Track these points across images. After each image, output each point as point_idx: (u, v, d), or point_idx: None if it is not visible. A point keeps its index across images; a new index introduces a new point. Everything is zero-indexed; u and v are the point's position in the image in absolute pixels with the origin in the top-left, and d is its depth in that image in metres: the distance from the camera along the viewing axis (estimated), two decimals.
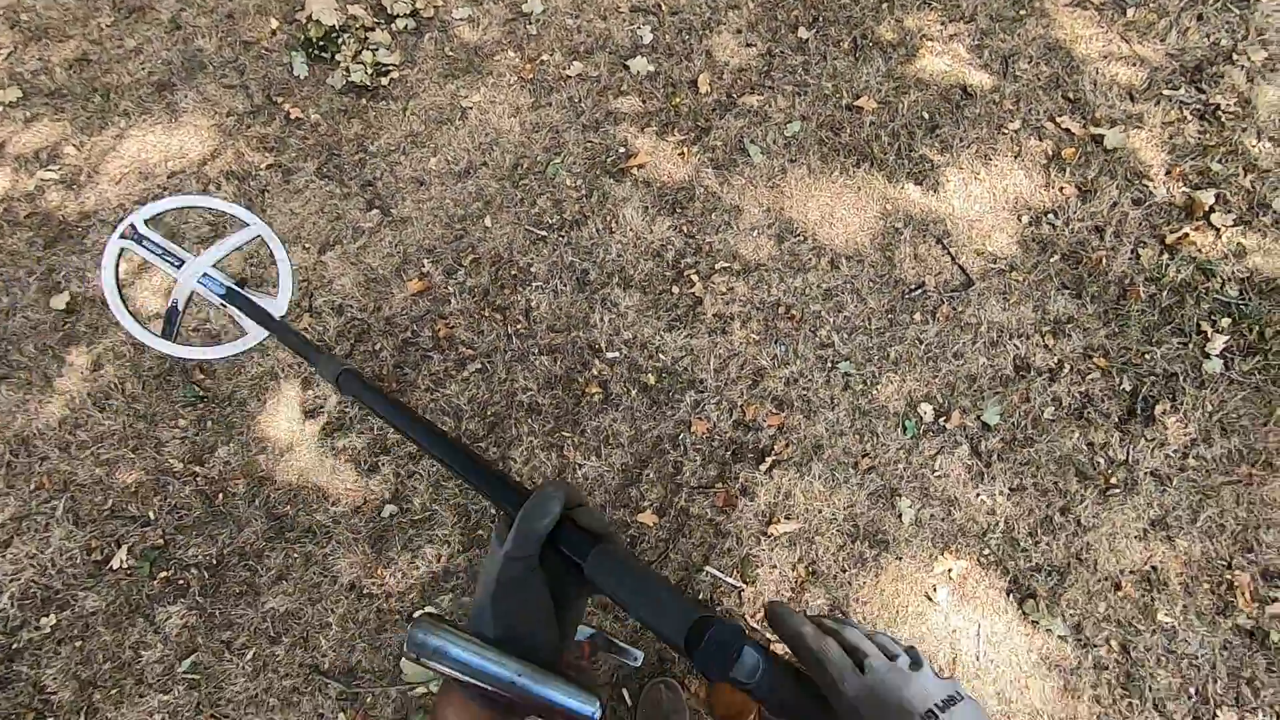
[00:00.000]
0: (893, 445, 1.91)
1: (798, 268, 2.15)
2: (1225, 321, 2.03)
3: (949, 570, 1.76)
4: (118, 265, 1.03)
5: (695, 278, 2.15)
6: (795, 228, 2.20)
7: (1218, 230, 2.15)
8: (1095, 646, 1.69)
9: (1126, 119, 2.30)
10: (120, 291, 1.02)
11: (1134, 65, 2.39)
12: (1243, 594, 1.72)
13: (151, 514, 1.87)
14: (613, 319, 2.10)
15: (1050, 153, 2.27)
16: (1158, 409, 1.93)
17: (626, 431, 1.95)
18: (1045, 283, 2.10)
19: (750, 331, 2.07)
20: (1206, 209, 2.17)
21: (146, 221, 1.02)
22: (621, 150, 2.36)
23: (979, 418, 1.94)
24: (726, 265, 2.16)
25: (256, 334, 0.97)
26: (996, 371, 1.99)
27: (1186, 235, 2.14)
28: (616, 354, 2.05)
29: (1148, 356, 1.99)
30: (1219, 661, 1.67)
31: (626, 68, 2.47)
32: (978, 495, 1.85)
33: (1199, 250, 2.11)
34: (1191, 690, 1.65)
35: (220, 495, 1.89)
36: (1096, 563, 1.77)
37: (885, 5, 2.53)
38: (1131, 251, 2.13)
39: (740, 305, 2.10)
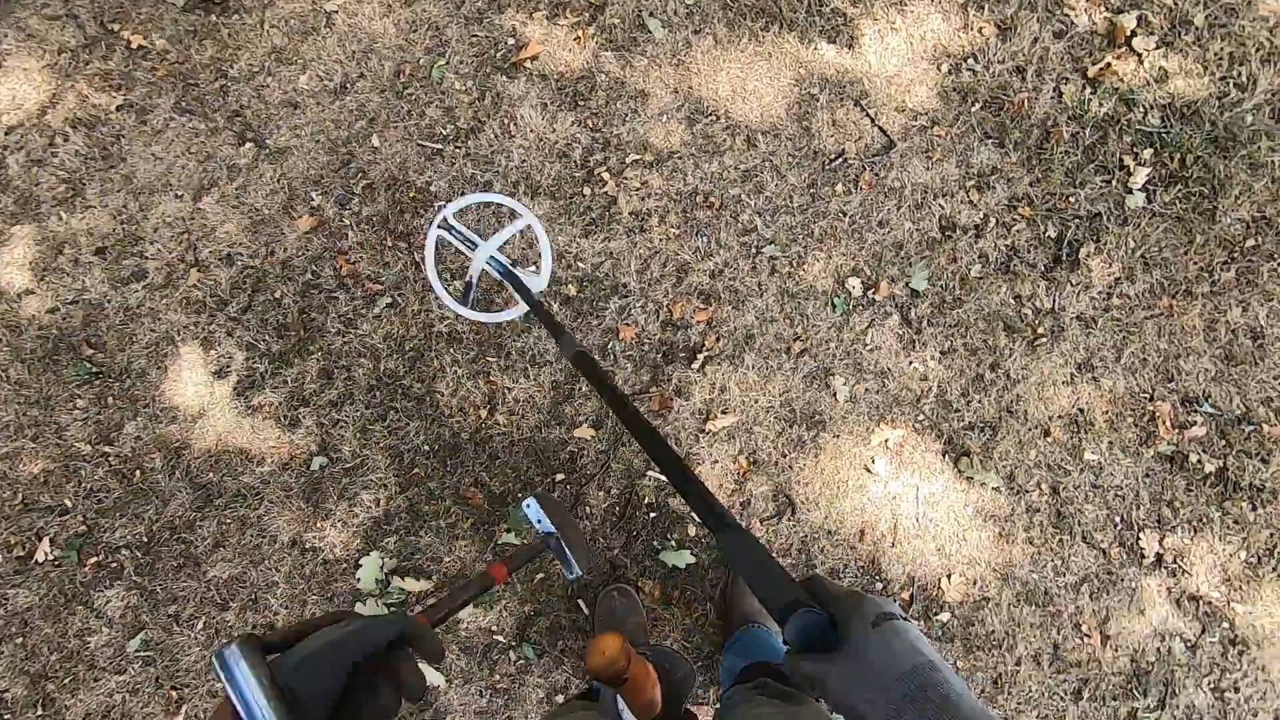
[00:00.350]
0: (823, 325, 1.88)
1: (712, 151, 2.02)
2: (1148, 153, 1.98)
3: (885, 440, 1.78)
4: (436, 248, 1.33)
5: (606, 175, 2.01)
6: (706, 107, 2.06)
7: (1140, 56, 2.06)
8: (1027, 492, 1.75)
9: None
10: (436, 269, 1.37)
11: None
12: (1164, 423, 1.78)
13: (68, 501, 1.78)
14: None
15: None
16: (1082, 252, 1.92)
17: (552, 347, 1.88)
18: (968, 135, 2.02)
19: (669, 226, 1.97)
20: (1128, 34, 2.07)
21: (455, 214, 1.33)
22: (511, 42, 2.14)
23: (907, 285, 1.90)
24: (638, 158, 2.02)
25: (520, 307, 1.26)
26: (923, 235, 1.94)
27: (1109, 65, 2.05)
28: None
29: (1072, 199, 1.95)
30: (1142, 489, 1.75)
31: None
32: (910, 363, 1.85)
33: (1121, 80, 2.03)
34: (1117, 519, 1.73)
35: (137, 472, 1.80)
36: (1026, 413, 1.80)
37: None
38: (1054, 90, 2.04)
39: (656, 199, 1.99)
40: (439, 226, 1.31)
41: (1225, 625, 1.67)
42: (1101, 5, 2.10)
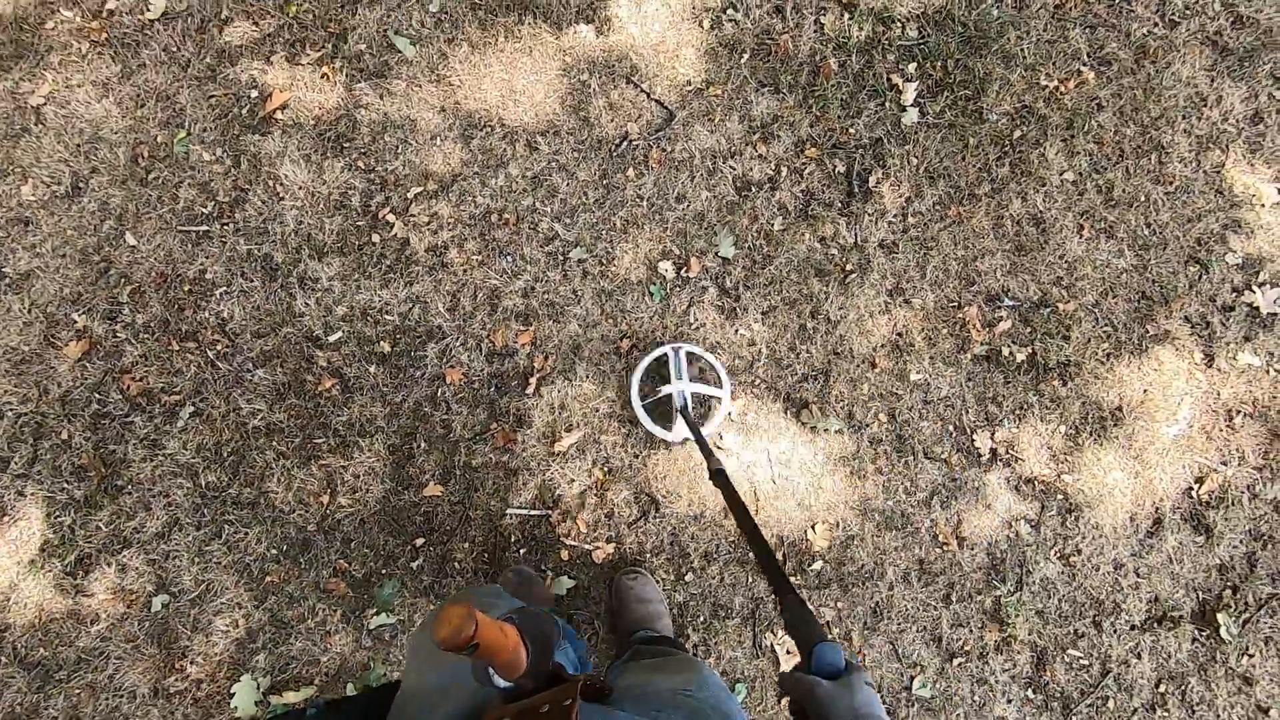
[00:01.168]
0: (646, 315, 1.87)
1: (495, 164, 1.94)
2: (912, 67, 2.03)
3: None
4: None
5: (392, 217, 1.91)
6: (478, 119, 1.96)
7: None
8: (867, 426, 1.82)
9: None
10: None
11: None
12: (974, 326, 1.88)
13: None
14: (320, 297, 1.86)
15: None
16: (872, 180, 1.96)
17: (380, 411, 1.80)
18: (743, 88, 2.01)
19: (470, 254, 1.89)
20: None
21: (688, 353, 1.77)
22: (254, 95, 1.97)
23: (717, 254, 1.91)
24: (420, 189, 1.92)
25: (677, 436, 1.71)
26: (721, 201, 1.94)
27: None
28: (339, 335, 1.84)
29: (852, 130, 1.99)
30: (967, 393, 1.85)
31: None
32: (736, 331, 1.87)
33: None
34: (951, 428, 1.83)
35: None
36: (851, 350, 1.86)
37: None
38: (814, 23, 2.05)
39: (450, 229, 1.90)
40: (672, 348, 1.76)
41: (1060, 497, 1.82)
42: None
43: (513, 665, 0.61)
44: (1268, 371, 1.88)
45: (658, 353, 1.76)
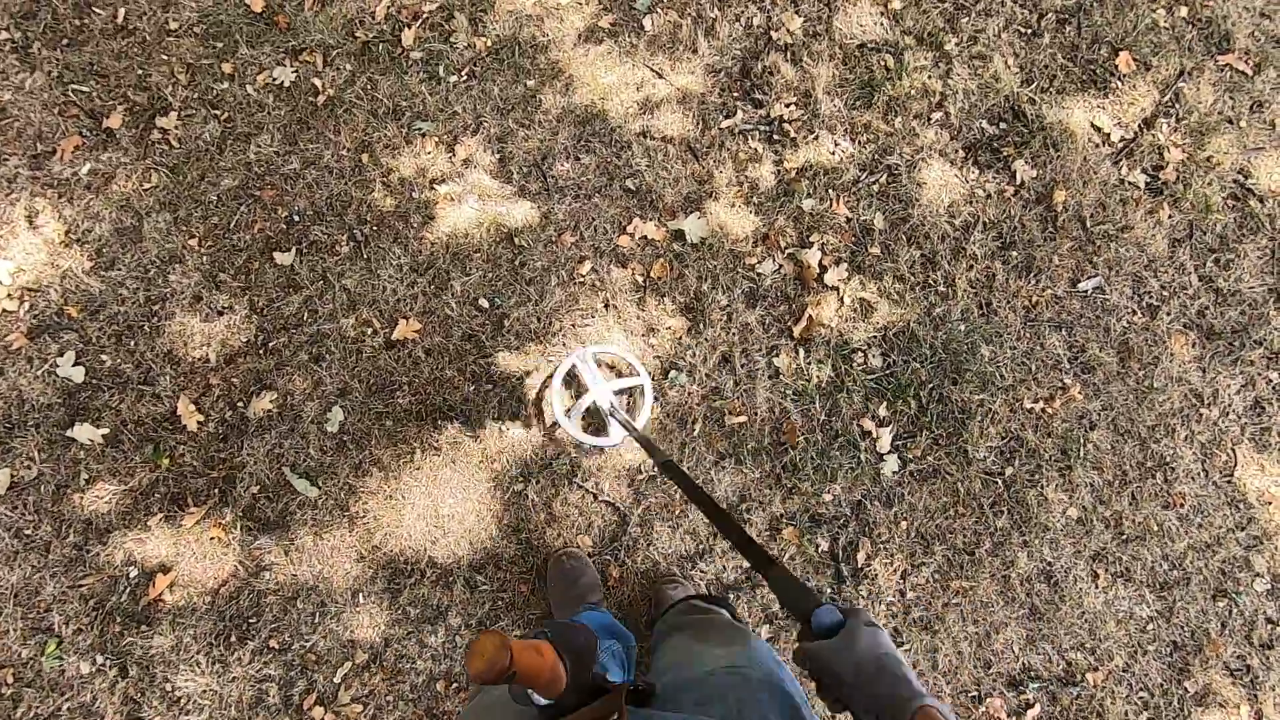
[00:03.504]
0: None
1: (432, 615, 1.67)
2: (883, 409, 1.82)
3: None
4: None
5: (320, 710, 1.62)
6: (405, 563, 1.69)
7: (837, 291, 1.88)
8: None
9: (700, 196, 1.88)
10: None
11: (683, 109, 1.92)
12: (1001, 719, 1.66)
13: None
14: None
15: (642, 279, 1.83)
16: (859, 556, 1.74)
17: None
18: (701, 465, 1.77)
19: None
20: (817, 270, 1.87)
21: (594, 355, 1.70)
22: (133, 574, 1.66)
23: None
24: (349, 666, 1.64)
25: (616, 438, 1.65)
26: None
27: (811, 319, 1.85)
28: None
29: (828, 497, 1.76)
30: None
31: (72, 440, 1.69)
32: None
33: (829, 328, 1.83)
34: None
35: None
36: None
37: None
38: (769, 367, 1.82)
39: (390, 712, 1.62)
40: (578, 358, 1.65)
41: None
42: (777, 249, 1.89)
43: (553, 685, 0.61)
44: None
45: (566, 365, 1.68)
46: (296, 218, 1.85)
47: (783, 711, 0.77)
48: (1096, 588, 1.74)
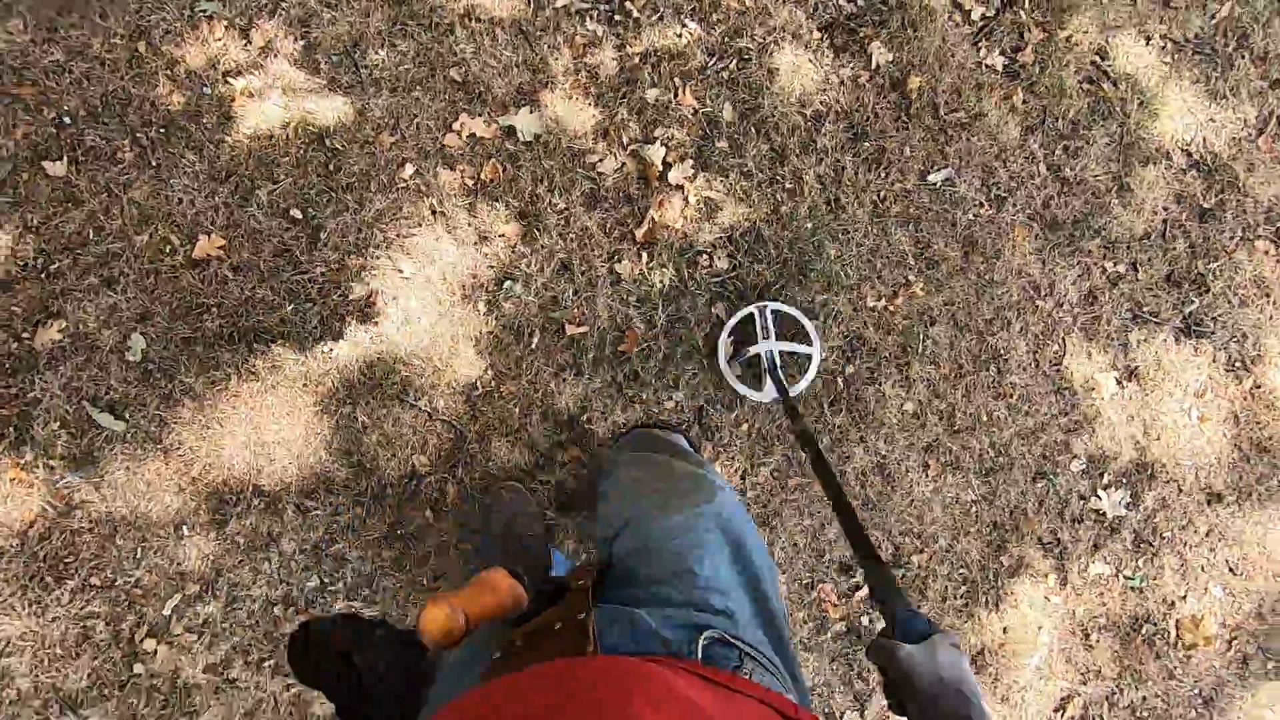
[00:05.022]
0: None
1: (263, 543, 1.63)
2: (726, 313, 1.78)
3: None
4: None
5: (151, 642, 1.59)
6: (229, 493, 1.63)
7: (682, 189, 1.79)
8: None
9: (534, 87, 1.72)
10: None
11: None
12: (829, 603, 1.76)
13: None
14: None
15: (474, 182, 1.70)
16: (702, 458, 1.76)
17: None
18: (540, 378, 1.72)
19: (257, 663, 1.62)
20: (660, 169, 1.77)
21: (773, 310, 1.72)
22: None
23: None
24: (179, 597, 1.60)
25: (767, 395, 1.68)
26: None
27: (654, 221, 1.77)
28: None
29: (671, 403, 1.75)
30: (832, 677, 1.76)
31: None
32: None
33: (672, 229, 1.76)
34: (823, 715, 1.76)
35: None
36: None
37: None
38: (609, 276, 1.75)
39: (227, 638, 1.61)
40: (756, 309, 1.70)
41: None
42: (618, 145, 1.77)
43: (518, 606, 0.62)
44: (1116, 577, 1.87)
45: (743, 312, 1.72)
46: (67, 120, 1.62)
47: (748, 587, 0.81)
48: (927, 477, 1.81)
